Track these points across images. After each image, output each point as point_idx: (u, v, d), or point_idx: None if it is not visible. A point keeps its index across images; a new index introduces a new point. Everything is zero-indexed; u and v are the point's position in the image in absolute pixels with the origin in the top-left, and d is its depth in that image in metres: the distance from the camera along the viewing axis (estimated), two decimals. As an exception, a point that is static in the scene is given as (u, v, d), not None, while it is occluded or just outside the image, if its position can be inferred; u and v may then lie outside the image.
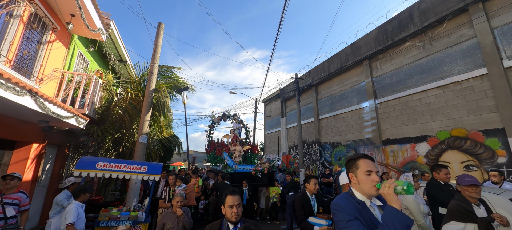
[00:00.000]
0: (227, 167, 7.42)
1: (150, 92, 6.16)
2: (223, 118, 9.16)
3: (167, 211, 3.02)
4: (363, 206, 1.28)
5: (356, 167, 1.35)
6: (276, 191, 6.75)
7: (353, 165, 1.37)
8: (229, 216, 1.72)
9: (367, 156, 1.37)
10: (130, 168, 4.03)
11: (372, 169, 1.30)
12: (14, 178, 3.06)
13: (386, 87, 7.79)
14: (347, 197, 1.33)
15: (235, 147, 8.05)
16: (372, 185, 1.26)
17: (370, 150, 8.09)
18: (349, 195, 1.35)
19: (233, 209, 1.72)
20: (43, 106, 3.49)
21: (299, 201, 2.83)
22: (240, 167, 7.36)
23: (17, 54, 4.23)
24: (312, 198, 2.90)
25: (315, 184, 2.96)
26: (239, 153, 7.97)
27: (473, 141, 5.50)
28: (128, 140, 6.99)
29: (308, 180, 3.00)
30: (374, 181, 1.27)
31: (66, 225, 2.71)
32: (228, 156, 7.75)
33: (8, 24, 3.97)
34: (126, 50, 8.29)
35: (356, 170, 1.35)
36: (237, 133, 8.66)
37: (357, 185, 1.34)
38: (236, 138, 8.50)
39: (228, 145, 8.46)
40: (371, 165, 1.32)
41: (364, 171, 1.31)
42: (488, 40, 5.37)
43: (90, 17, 5.21)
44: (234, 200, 1.75)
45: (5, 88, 2.77)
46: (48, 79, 5.11)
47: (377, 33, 8.09)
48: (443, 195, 2.76)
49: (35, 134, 4.86)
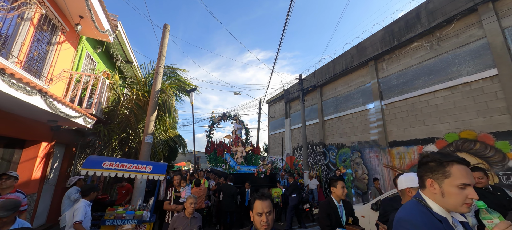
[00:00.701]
0: (229, 168, 7.42)
1: (156, 92, 6.23)
2: (223, 118, 9.14)
3: (178, 215, 2.86)
4: (445, 223, 0.98)
5: (444, 174, 1.01)
6: (278, 192, 6.74)
7: (440, 170, 1.03)
8: (258, 225, 1.44)
9: (464, 161, 1.02)
10: (136, 167, 4.07)
11: (469, 182, 0.97)
12: (10, 178, 2.92)
13: (392, 88, 7.68)
14: (424, 212, 1.00)
15: (237, 148, 8.06)
16: (465, 202, 0.95)
17: (375, 152, 7.98)
18: (424, 208, 1.02)
19: (262, 217, 1.43)
20: (52, 106, 3.56)
21: (324, 208, 2.37)
22: (242, 168, 7.34)
23: (27, 55, 4.34)
24: (340, 206, 2.43)
25: (343, 188, 2.45)
26: (241, 154, 7.98)
27: (482, 144, 5.36)
28: (134, 140, 7.08)
29: (335, 183, 2.50)
30: (470, 199, 0.94)
31: (74, 223, 2.76)
32: (230, 157, 7.76)
33: (20, 26, 4.08)
34: (132, 51, 8.41)
35: (443, 178, 1.01)
36: (238, 134, 8.66)
37: (438, 196, 1.02)
38: (238, 138, 8.49)
39: (230, 146, 8.46)
40: (469, 176, 0.98)
41: (457, 184, 0.97)
42: (499, 40, 5.24)
43: (99, 18, 5.31)
44: (264, 207, 1.44)
45: (17, 88, 2.84)
46: (57, 79, 5.22)
47: (383, 33, 8.00)
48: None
49: (44, 133, 4.96)
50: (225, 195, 5.58)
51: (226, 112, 9.24)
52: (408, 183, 1.89)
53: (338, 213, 2.35)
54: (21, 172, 4.60)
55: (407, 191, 1.86)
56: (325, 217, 2.29)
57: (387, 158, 7.52)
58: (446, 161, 1.02)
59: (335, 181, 2.50)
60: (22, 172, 4.61)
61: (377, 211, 4.04)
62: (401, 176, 1.99)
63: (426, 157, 1.10)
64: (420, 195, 1.09)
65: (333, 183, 2.52)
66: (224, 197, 5.59)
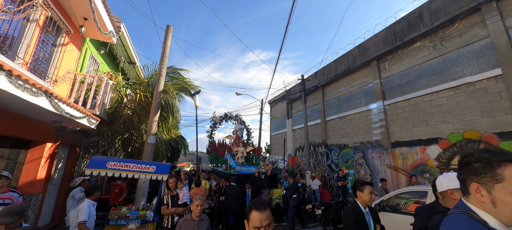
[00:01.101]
0: (230, 168, 7.37)
1: (159, 93, 6.27)
2: (225, 118, 9.09)
3: (185, 218, 2.74)
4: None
5: (494, 178, 0.80)
6: (279, 193, 6.69)
7: (488, 173, 0.82)
8: None
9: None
10: (139, 167, 4.10)
11: None
12: (1, 177, 2.88)
13: (395, 88, 7.65)
14: (473, 224, 0.80)
15: (237, 148, 8.02)
16: None
17: (378, 153, 7.95)
18: (478, 224, 0.80)
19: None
20: (57, 107, 3.61)
21: (350, 215, 2.12)
22: (243, 169, 7.29)
23: (33, 57, 4.40)
24: (366, 212, 2.18)
25: (371, 193, 2.18)
26: (242, 154, 7.93)
27: (487, 144, 5.32)
28: (137, 140, 7.13)
29: (361, 187, 2.21)
30: None
31: (78, 223, 2.78)
32: (231, 157, 7.71)
33: (25, 28, 4.14)
34: (135, 52, 8.47)
35: (493, 182, 0.80)
36: (239, 134, 8.62)
37: (488, 206, 0.81)
38: (238, 139, 8.45)
39: (230, 146, 8.42)
40: None
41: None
42: (503, 40, 5.21)
43: (102, 20, 5.37)
44: (262, 219, 1.16)
45: (23, 89, 2.89)
46: (61, 80, 5.28)
47: (385, 33, 7.98)
48: None
49: (49, 133, 5.02)
50: (229, 196, 5.58)
51: (228, 113, 9.22)
52: (450, 183, 1.61)
53: (365, 220, 2.12)
54: (26, 172, 4.66)
55: (449, 194, 1.62)
56: (353, 225, 2.05)
57: (390, 159, 7.48)
58: (497, 161, 0.80)
59: (362, 185, 2.21)
60: (27, 172, 4.67)
61: (380, 212, 4.02)
62: (440, 176, 1.75)
63: (469, 156, 0.87)
64: (465, 205, 0.87)
65: (360, 187, 2.22)
66: (227, 198, 5.58)
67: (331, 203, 6.13)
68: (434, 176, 6.21)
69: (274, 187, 6.92)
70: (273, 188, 6.90)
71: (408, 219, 3.56)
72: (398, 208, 4.05)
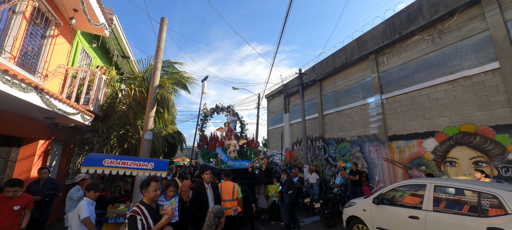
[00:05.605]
0: (221, 163, 6.63)
1: (154, 88, 6.10)
2: (216, 110, 8.34)
3: None
4: None
5: None
6: (275, 189, 6.16)
7: None
8: None
9: None
10: (137, 165, 3.99)
11: None
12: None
13: (392, 82, 7.66)
14: None
15: (229, 141, 7.23)
16: None
17: (375, 146, 8.02)
18: None
19: None
20: (49, 103, 3.46)
21: None
22: (235, 163, 6.54)
23: (21, 50, 4.19)
24: None
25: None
26: (234, 148, 7.13)
27: (482, 137, 5.40)
28: (133, 136, 6.99)
29: None
30: None
31: (82, 220, 2.73)
32: (222, 151, 6.96)
33: (12, 19, 3.91)
34: (129, 45, 8.21)
35: None
36: (231, 126, 7.89)
37: None
38: (231, 131, 7.71)
39: (222, 139, 7.74)
40: None
41: None
42: (501, 33, 5.21)
43: (93, 11, 5.13)
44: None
45: (11, 85, 2.73)
46: (52, 75, 5.07)
47: (384, 26, 7.92)
48: None
49: (41, 131, 4.86)
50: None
51: (219, 104, 8.59)
52: None
53: None
54: (19, 170, 4.52)
55: None
56: None
57: (386, 152, 7.56)
58: None
59: None
60: (20, 170, 4.52)
61: (378, 205, 4.05)
62: None
63: None
64: None
65: None
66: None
67: (329, 196, 6.17)
68: (430, 169, 6.31)
69: (269, 182, 6.40)
70: (268, 184, 6.40)
71: (405, 211, 3.63)
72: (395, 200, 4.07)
